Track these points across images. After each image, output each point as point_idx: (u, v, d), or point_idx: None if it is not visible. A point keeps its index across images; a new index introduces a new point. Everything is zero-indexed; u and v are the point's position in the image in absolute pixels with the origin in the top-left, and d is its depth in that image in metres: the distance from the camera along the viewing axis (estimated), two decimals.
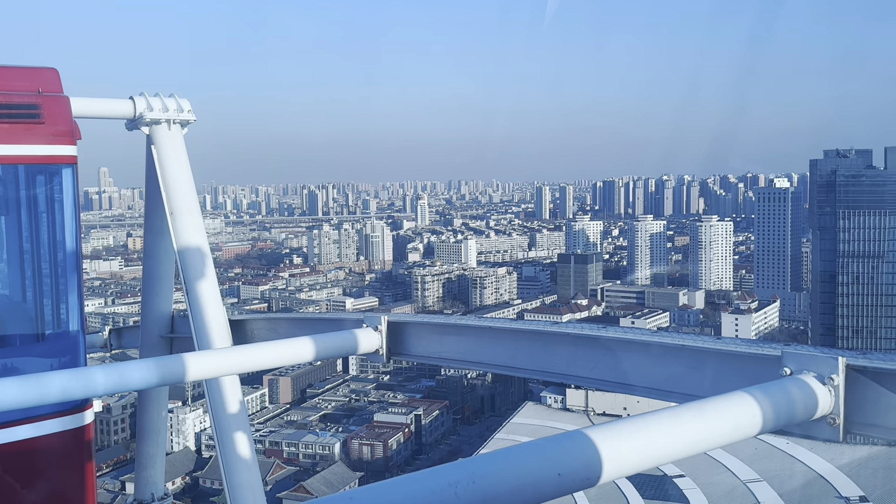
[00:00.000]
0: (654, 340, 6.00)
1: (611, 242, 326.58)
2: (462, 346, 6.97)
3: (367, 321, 7.20)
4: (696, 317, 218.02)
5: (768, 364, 5.33)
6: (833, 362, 4.90)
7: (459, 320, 7.01)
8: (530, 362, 6.54)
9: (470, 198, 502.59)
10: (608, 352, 6.20)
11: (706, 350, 5.70)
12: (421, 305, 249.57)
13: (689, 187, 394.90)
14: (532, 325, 6.60)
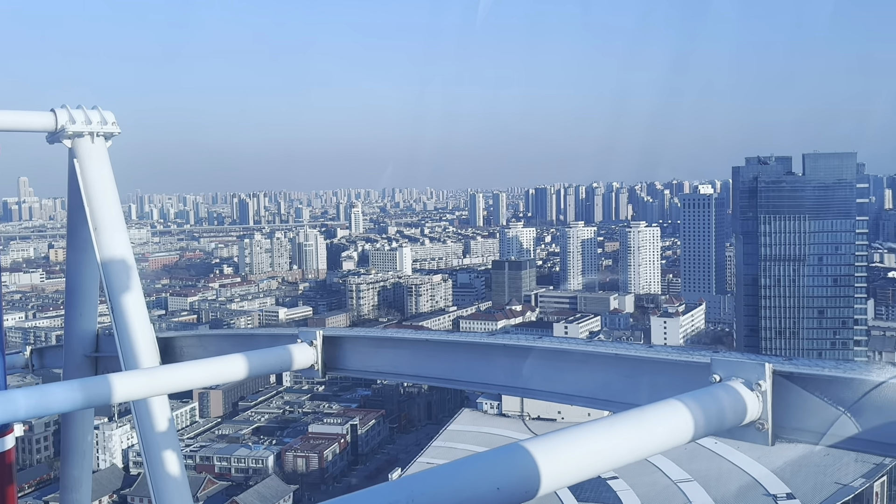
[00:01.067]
0: (589, 350, 6.09)
1: (544, 249, 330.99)
2: (399, 360, 6.92)
3: (302, 336, 7.08)
4: (626, 321, 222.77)
5: (699, 371, 5.47)
6: (760, 368, 5.05)
7: (396, 333, 6.95)
8: (468, 374, 6.54)
9: (404, 205, 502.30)
10: (545, 362, 6.26)
11: (639, 359, 5.81)
12: (356, 314, 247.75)
13: (618, 194, 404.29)
14: (469, 337, 6.60)
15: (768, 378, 4.97)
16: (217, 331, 10.61)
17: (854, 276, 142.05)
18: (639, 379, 5.80)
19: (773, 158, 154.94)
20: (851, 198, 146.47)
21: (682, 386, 5.70)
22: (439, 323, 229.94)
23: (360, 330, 7.29)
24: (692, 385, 5.58)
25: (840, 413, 4.97)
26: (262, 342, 7.60)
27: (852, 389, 4.69)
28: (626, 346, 6.10)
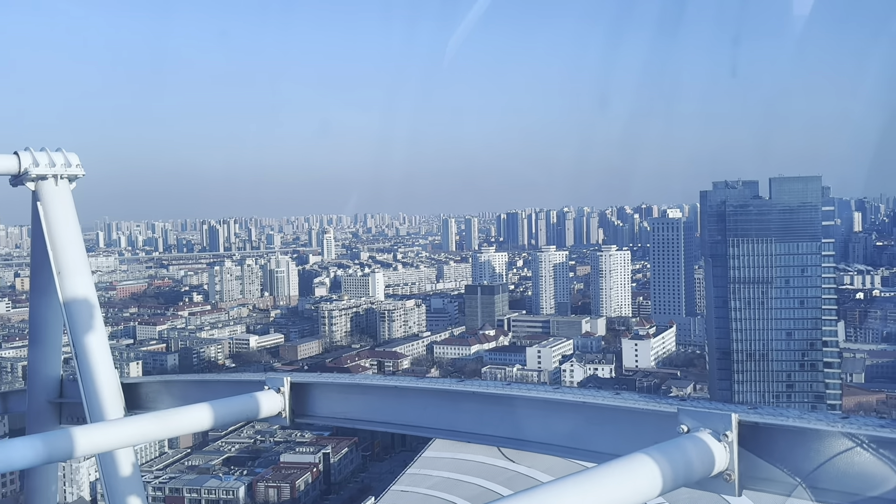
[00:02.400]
0: (557, 398, 6.11)
1: (516, 273, 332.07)
2: (368, 406, 6.88)
3: (269, 382, 7.01)
4: (598, 344, 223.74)
5: (666, 420, 5.50)
6: (727, 418, 5.09)
7: (365, 379, 6.91)
8: (437, 421, 6.52)
9: (376, 231, 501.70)
10: (513, 409, 6.27)
11: (607, 407, 5.85)
12: (329, 340, 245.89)
13: (589, 218, 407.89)
14: (437, 384, 6.59)
15: (734, 428, 5.02)
16: (183, 376, 10.38)
17: (822, 297, 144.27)
18: (606, 427, 5.83)
19: (739, 182, 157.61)
20: (817, 220, 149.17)
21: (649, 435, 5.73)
22: (413, 348, 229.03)
23: (329, 376, 7.23)
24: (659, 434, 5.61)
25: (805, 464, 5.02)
26: (228, 389, 7.50)
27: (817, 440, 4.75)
28: (594, 393, 6.13)
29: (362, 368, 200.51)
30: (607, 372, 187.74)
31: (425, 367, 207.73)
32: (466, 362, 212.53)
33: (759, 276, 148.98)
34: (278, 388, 6.93)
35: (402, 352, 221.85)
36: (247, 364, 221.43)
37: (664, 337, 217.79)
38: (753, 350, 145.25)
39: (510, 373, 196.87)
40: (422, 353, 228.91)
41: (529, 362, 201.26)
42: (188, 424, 6.65)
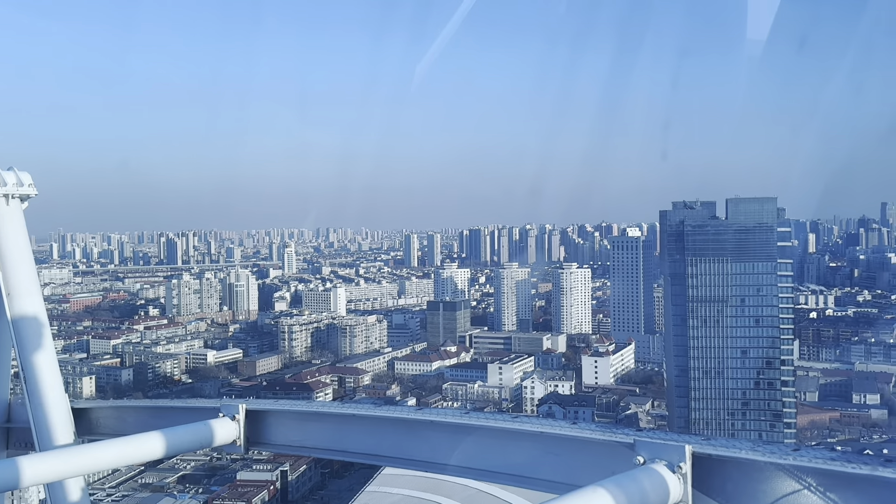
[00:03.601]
0: (515, 427, 6.12)
1: (478, 289, 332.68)
2: (324, 435, 6.80)
3: (224, 410, 6.90)
4: (558, 360, 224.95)
5: (621, 451, 5.55)
6: (681, 450, 5.15)
7: (322, 407, 6.83)
8: (394, 450, 6.48)
9: (339, 245, 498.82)
10: (472, 438, 6.26)
11: (563, 437, 5.87)
12: (288, 356, 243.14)
13: (551, 236, 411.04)
14: (396, 412, 6.56)
15: (688, 460, 5.07)
16: (136, 402, 9.97)
17: (778, 317, 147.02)
18: (563, 457, 5.86)
19: (698, 203, 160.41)
20: (772, 241, 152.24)
21: (605, 465, 5.77)
22: (374, 364, 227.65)
23: (285, 403, 7.14)
24: (616, 464, 5.66)
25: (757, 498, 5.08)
26: (182, 416, 7.37)
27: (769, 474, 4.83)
28: (552, 423, 6.16)
29: (322, 384, 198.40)
30: (567, 388, 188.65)
31: (386, 384, 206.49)
32: (428, 378, 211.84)
33: (717, 295, 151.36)
34: (233, 416, 6.83)
35: (364, 368, 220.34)
36: (204, 379, 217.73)
37: (623, 354, 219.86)
38: (710, 368, 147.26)
39: (471, 389, 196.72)
40: (383, 369, 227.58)
41: (490, 379, 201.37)
42: (140, 454, 6.51)
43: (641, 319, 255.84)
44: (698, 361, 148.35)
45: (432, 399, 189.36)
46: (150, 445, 6.37)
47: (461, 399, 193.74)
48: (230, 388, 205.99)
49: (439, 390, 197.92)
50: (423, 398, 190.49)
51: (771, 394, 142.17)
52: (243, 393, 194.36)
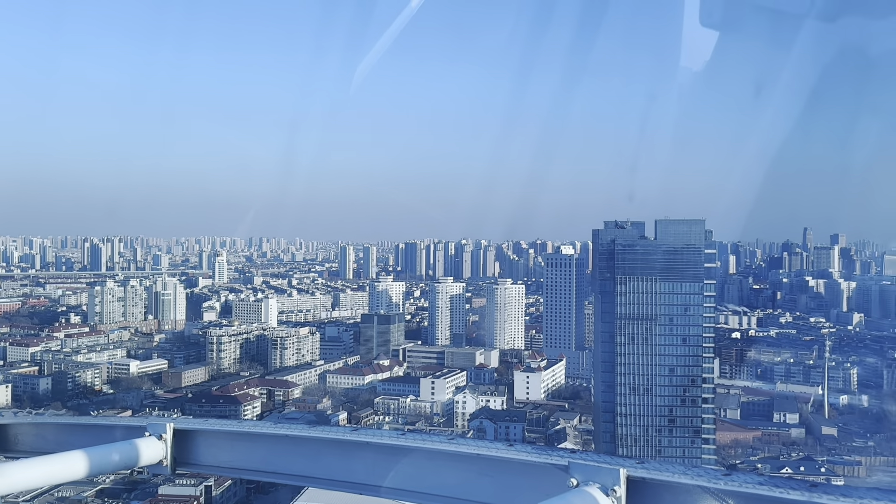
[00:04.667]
0: (451, 449, 6.09)
1: (413, 303, 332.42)
2: (256, 456, 6.62)
3: (150, 428, 6.65)
4: (491, 375, 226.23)
5: (556, 473, 5.57)
6: (615, 473, 5.20)
7: (254, 427, 6.65)
8: (330, 472, 6.35)
9: (272, 255, 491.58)
10: (407, 460, 6.19)
11: (499, 459, 5.87)
12: (216, 367, 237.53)
13: (486, 251, 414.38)
14: (332, 433, 6.43)
15: (623, 483, 5.13)
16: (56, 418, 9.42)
17: (703, 336, 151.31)
18: (499, 479, 5.85)
19: (629, 223, 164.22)
20: (699, 262, 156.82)
21: (540, 487, 5.79)
22: (305, 377, 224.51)
23: (215, 422, 6.93)
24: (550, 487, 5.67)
25: None
26: (106, 434, 7.05)
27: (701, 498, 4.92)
28: (488, 444, 6.15)
29: (251, 397, 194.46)
30: (499, 404, 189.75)
31: (317, 397, 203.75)
32: (360, 392, 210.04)
33: (645, 313, 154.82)
34: (160, 435, 6.58)
35: (294, 381, 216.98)
36: (126, 390, 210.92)
37: (554, 370, 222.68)
38: (637, 385, 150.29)
39: (403, 404, 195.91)
40: (314, 382, 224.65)
41: (423, 393, 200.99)
42: (61, 474, 6.21)
43: (573, 336, 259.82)
44: (625, 378, 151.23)
45: (364, 413, 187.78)
46: (71, 465, 6.08)
47: (393, 413, 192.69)
48: (154, 400, 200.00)
49: (371, 404, 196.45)
50: (355, 412, 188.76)
51: (694, 411, 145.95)
52: (167, 405, 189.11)
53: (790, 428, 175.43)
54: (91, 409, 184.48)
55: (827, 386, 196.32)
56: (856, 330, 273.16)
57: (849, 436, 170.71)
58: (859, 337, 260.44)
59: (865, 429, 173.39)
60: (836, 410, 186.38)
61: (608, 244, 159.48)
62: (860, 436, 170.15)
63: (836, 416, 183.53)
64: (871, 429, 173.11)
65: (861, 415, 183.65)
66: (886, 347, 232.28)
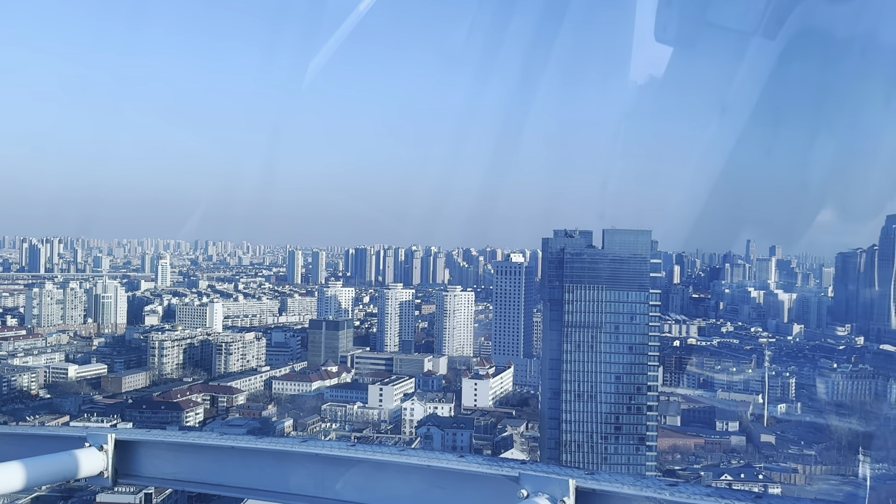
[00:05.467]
0: (401, 461, 6.04)
1: (362, 309, 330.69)
2: (200, 467, 6.45)
3: (91, 439, 6.44)
4: (439, 382, 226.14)
5: (507, 485, 5.57)
6: (565, 484, 5.22)
7: (198, 438, 6.49)
8: (276, 484, 6.22)
9: (218, 259, 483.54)
10: (357, 472, 6.11)
11: (450, 470, 5.84)
12: (158, 373, 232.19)
13: (436, 258, 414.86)
14: (278, 445, 6.31)
15: (572, 494, 5.15)
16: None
17: (648, 344, 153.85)
18: (449, 490, 5.82)
19: (577, 232, 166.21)
20: (645, 271, 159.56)
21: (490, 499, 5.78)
22: (250, 383, 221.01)
23: (158, 433, 6.73)
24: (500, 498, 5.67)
25: None
26: (44, 444, 6.80)
27: None
28: (439, 455, 6.12)
29: (193, 403, 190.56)
30: (447, 411, 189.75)
31: (262, 404, 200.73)
32: (306, 399, 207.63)
33: (591, 321, 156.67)
34: (101, 446, 6.38)
35: (239, 387, 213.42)
36: (64, 395, 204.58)
37: (503, 377, 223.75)
38: (582, 392, 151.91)
39: (351, 411, 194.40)
40: (260, 388, 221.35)
41: (371, 400, 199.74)
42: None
43: (521, 343, 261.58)
44: (571, 385, 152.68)
45: (310, 420, 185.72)
46: (7, 477, 5.84)
47: (340, 420, 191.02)
48: (92, 406, 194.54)
49: (318, 411, 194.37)
50: (301, 419, 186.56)
51: (639, 418, 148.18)
52: (107, 410, 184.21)
53: (731, 436, 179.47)
54: (27, 414, 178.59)
55: (766, 395, 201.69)
56: (795, 340, 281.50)
57: (786, 444, 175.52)
58: (798, 347, 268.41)
59: (801, 437, 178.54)
60: (774, 419, 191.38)
61: (557, 253, 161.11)
62: (796, 444, 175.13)
63: (775, 424, 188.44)
64: (807, 437, 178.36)
65: (798, 423, 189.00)
66: (823, 357, 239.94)
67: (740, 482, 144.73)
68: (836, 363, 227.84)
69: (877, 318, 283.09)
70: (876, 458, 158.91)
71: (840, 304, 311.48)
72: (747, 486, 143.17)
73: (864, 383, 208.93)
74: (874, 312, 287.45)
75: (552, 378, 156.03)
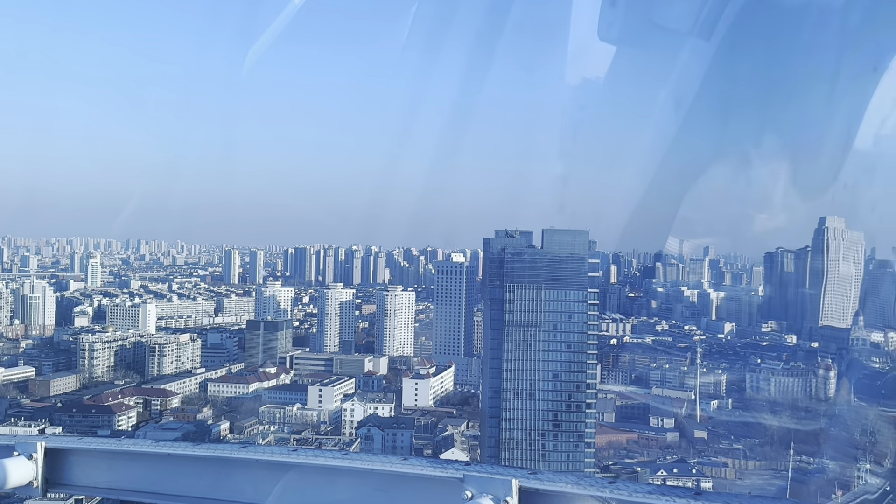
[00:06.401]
0: (344, 465, 5.98)
1: (301, 309, 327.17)
2: (135, 476, 6.26)
3: (20, 447, 6.19)
4: (379, 382, 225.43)
5: (451, 486, 5.57)
6: (508, 484, 5.26)
7: (133, 445, 6.29)
8: (214, 491, 6.08)
9: (151, 258, 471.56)
10: (298, 477, 6.02)
11: (393, 474, 5.82)
12: (88, 375, 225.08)
13: (377, 258, 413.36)
14: (216, 451, 6.17)
15: (515, 494, 5.19)
16: None
17: (586, 343, 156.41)
18: (393, 493, 5.79)
19: (517, 232, 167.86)
20: (584, 271, 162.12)
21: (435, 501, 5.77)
22: (185, 385, 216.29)
23: (91, 440, 6.50)
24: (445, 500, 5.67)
25: None
26: None
27: None
28: (382, 458, 6.08)
29: (126, 407, 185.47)
30: (387, 411, 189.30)
31: (197, 406, 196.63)
32: (244, 401, 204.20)
33: (531, 320, 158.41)
34: (30, 455, 6.13)
35: (173, 389, 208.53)
36: None
37: (443, 377, 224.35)
38: (521, 390, 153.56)
39: (289, 412, 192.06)
40: (195, 390, 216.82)
41: (310, 401, 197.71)
42: None
43: (462, 343, 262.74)
44: (511, 383, 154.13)
45: (248, 422, 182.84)
46: None
47: (279, 422, 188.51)
48: (19, 409, 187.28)
49: (256, 413, 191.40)
50: (238, 421, 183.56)
51: (578, 416, 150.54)
52: (34, 415, 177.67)
53: (665, 432, 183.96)
54: None
55: (699, 391, 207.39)
56: (727, 338, 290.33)
57: (717, 438, 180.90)
58: (729, 344, 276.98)
59: (732, 432, 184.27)
60: (706, 414, 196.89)
61: (498, 252, 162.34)
62: (727, 439, 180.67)
63: (707, 419, 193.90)
64: (738, 432, 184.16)
65: (728, 418, 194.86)
66: (753, 355, 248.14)
67: (674, 477, 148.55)
68: (766, 360, 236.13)
69: (809, 316, 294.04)
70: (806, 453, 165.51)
71: (770, 302, 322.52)
72: (681, 480, 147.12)
73: (795, 380, 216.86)
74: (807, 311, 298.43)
75: (492, 377, 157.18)
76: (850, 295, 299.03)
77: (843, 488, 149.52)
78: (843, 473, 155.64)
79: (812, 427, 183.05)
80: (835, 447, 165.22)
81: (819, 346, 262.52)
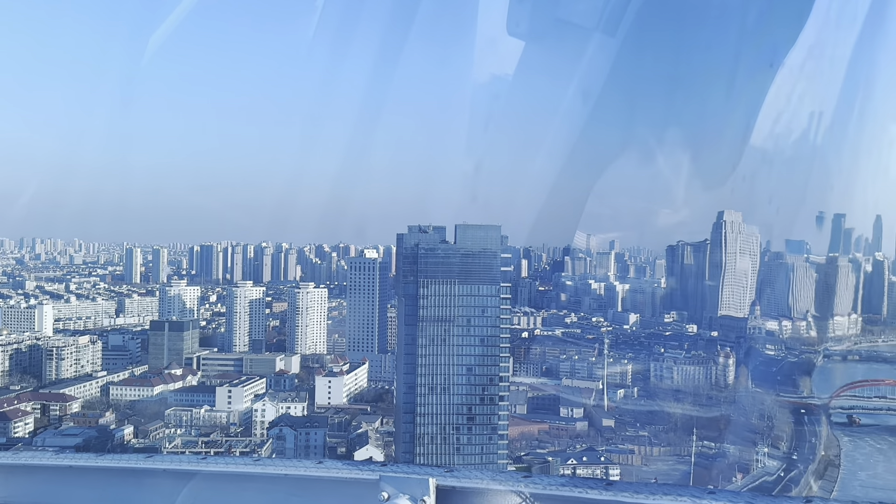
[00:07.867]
0: (256, 471, 5.88)
1: (208, 308, 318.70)
2: (35, 490, 5.96)
3: None
4: (291, 381, 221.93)
5: (367, 488, 5.58)
6: (425, 483, 5.30)
7: (31, 458, 5.99)
8: (121, 503, 5.87)
9: (46, 258, 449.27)
10: (208, 485, 5.89)
11: (308, 478, 5.77)
12: None
13: (287, 255, 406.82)
14: (123, 462, 5.95)
15: (432, 493, 5.23)
16: None
17: (499, 336, 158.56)
18: (308, 499, 5.75)
19: (430, 228, 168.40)
20: (496, 266, 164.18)
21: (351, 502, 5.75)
22: (85, 390, 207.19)
23: None
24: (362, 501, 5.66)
25: None
26: None
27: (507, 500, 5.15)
28: (296, 462, 6.02)
29: (22, 413, 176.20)
30: (300, 410, 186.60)
31: (99, 411, 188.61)
32: (148, 404, 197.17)
33: (445, 315, 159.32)
34: None
35: (72, 394, 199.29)
36: None
37: (357, 374, 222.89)
38: (436, 385, 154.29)
39: (197, 415, 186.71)
40: (96, 394, 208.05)
41: (219, 403, 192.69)
42: None
43: (376, 339, 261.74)
44: (425, 378, 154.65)
45: (153, 426, 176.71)
46: None
47: (185, 425, 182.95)
48: None
49: (161, 416, 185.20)
50: (143, 425, 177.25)
51: (492, 409, 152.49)
52: None
53: (575, 422, 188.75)
54: None
55: (606, 381, 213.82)
56: (632, 329, 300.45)
57: (624, 426, 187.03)
58: (635, 335, 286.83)
59: (638, 420, 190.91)
60: (613, 403, 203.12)
61: (411, 248, 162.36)
62: (633, 426, 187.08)
63: (614, 408, 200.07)
64: (642, 419, 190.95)
65: (634, 407, 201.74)
66: (657, 344, 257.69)
67: (584, 465, 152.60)
68: (669, 349, 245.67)
69: (709, 306, 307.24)
70: (708, 438, 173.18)
71: (672, 294, 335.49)
72: (590, 468, 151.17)
73: (696, 369, 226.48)
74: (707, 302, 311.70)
75: (407, 372, 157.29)
76: (746, 286, 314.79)
77: (743, 471, 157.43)
78: (742, 457, 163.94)
79: (713, 413, 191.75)
80: (735, 432, 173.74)
81: (718, 335, 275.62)
